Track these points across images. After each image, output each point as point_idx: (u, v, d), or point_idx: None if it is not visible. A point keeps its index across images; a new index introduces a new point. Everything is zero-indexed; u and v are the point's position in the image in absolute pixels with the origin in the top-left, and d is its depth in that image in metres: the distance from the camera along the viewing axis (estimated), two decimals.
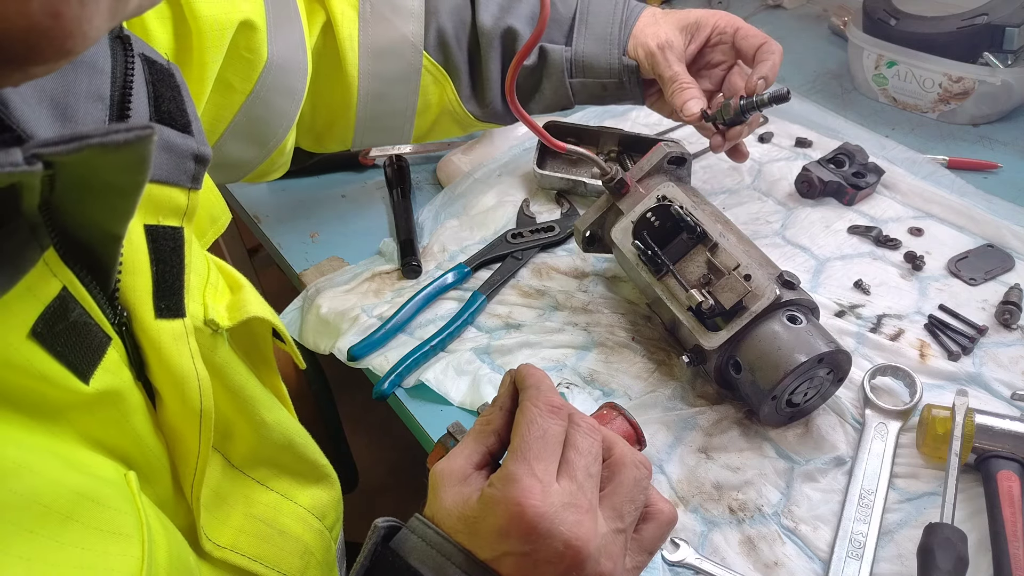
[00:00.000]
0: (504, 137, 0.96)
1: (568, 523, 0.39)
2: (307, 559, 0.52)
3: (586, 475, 0.42)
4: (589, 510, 0.41)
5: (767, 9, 1.31)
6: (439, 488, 0.44)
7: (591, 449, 0.43)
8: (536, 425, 0.43)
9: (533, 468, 0.41)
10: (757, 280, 0.61)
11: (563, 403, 0.44)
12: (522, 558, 0.40)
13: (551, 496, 0.40)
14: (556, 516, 0.39)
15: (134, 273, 0.37)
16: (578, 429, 0.44)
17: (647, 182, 0.73)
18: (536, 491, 0.40)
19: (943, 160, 0.91)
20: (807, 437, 0.64)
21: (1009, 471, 0.57)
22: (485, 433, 0.46)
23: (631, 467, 0.43)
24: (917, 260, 0.78)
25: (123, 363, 0.37)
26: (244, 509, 0.49)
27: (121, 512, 0.34)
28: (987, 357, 0.69)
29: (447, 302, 0.78)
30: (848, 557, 0.55)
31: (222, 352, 0.45)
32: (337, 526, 0.60)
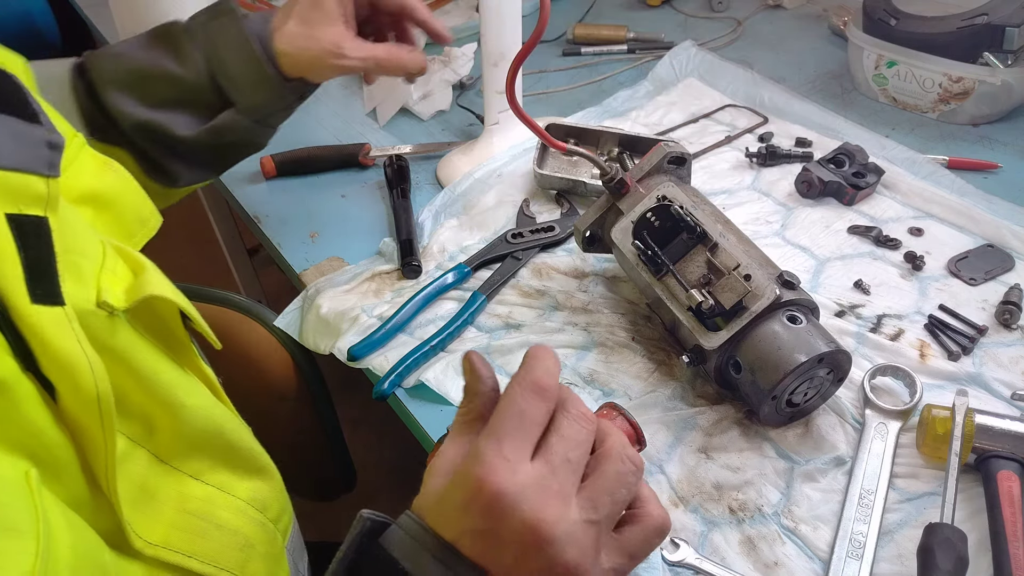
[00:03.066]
0: (504, 137, 0.96)
1: (531, 502, 0.38)
2: (247, 552, 0.52)
3: (563, 460, 0.41)
4: (558, 494, 0.39)
5: (767, 9, 1.31)
6: (426, 480, 0.44)
7: (576, 436, 0.42)
8: (515, 404, 0.41)
9: (502, 446, 0.40)
10: (757, 280, 0.61)
11: (552, 386, 0.43)
12: (482, 536, 0.39)
13: (517, 475, 0.39)
14: (519, 495, 0.38)
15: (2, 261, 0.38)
16: (567, 415, 0.43)
17: (647, 182, 0.73)
18: (500, 468, 0.39)
19: (943, 160, 0.91)
20: (807, 437, 0.64)
21: (1009, 471, 0.57)
22: (468, 423, 0.45)
23: (616, 460, 0.42)
24: (917, 260, 0.78)
25: (5, 352, 0.37)
26: (177, 504, 0.48)
27: (14, 508, 0.34)
28: (987, 357, 0.69)
29: (447, 302, 0.78)
30: (848, 557, 0.55)
31: (123, 335, 0.45)
32: (284, 517, 0.59)
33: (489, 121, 0.95)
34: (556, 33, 1.25)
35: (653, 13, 1.34)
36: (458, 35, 1.26)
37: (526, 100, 1.09)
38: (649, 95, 1.08)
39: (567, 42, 1.24)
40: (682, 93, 1.08)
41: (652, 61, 1.16)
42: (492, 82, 0.90)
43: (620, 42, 1.21)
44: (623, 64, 1.18)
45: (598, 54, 1.21)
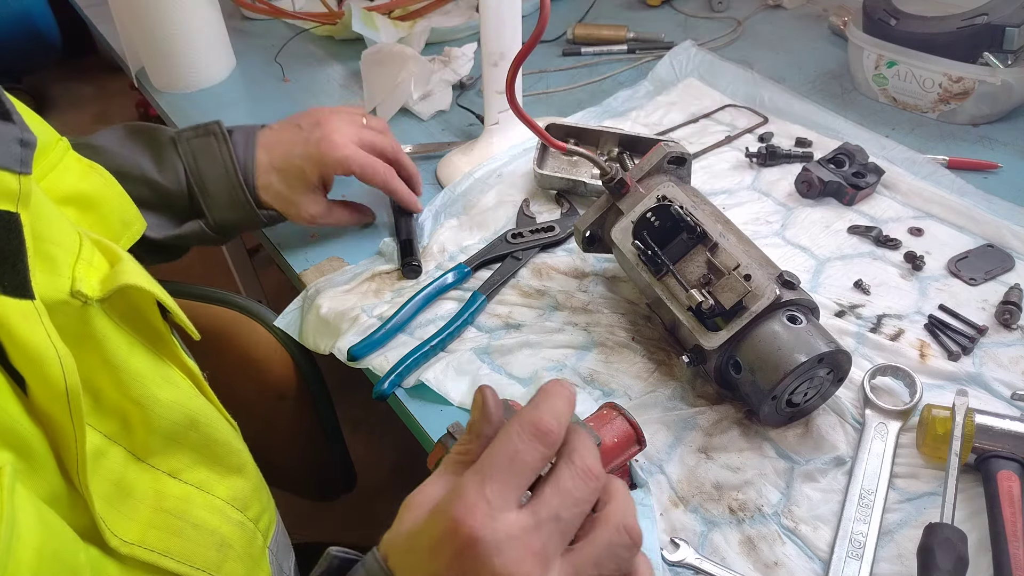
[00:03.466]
0: (504, 137, 0.96)
1: (506, 557, 0.35)
2: (224, 552, 0.52)
3: (553, 517, 0.37)
4: (539, 553, 0.36)
5: (767, 9, 1.31)
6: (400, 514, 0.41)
7: (574, 492, 0.38)
8: (509, 444, 0.38)
9: (485, 487, 0.36)
10: (757, 280, 0.61)
11: (555, 429, 0.38)
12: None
13: (496, 522, 0.35)
14: (495, 545, 0.35)
15: None
16: (571, 466, 0.38)
17: (647, 182, 0.73)
18: (479, 510, 0.35)
19: (943, 160, 0.91)
20: (807, 437, 0.64)
21: (1009, 471, 0.57)
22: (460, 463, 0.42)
23: (612, 529, 0.38)
24: (917, 260, 0.78)
25: None
26: (153, 503, 0.48)
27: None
28: (987, 357, 0.69)
29: (447, 302, 0.78)
30: (848, 557, 0.55)
31: (98, 325, 0.45)
32: (265, 517, 0.59)
33: (489, 121, 0.95)
34: (556, 33, 1.25)
35: (653, 13, 1.34)
36: (458, 35, 1.26)
37: (526, 100, 1.09)
38: (649, 95, 1.08)
39: (567, 42, 1.24)
40: (682, 93, 1.08)
41: (652, 61, 1.16)
42: (492, 82, 0.90)
43: (620, 42, 1.21)
44: (623, 64, 1.18)
45: (598, 54, 1.21)
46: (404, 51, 1.06)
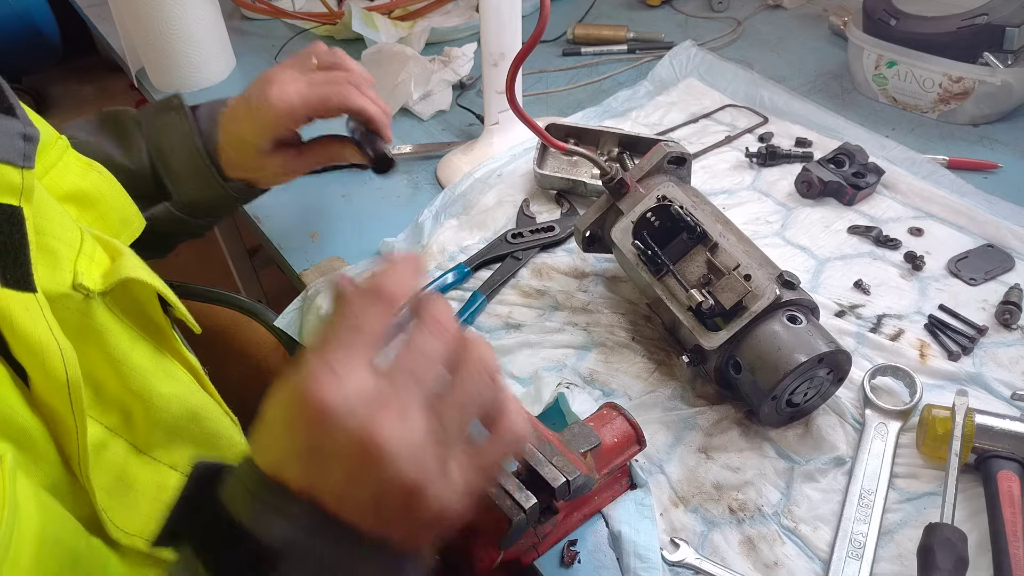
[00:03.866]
0: (504, 137, 0.96)
1: (360, 416, 0.34)
2: None
3: (405, 371, 0.36)
4: (395, 406, 0.35)
5: (767, 9, 1.31)
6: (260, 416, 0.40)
7: (425, 345, 0.37)
8: (350, 313, 0.37)
9: (328, 356, 0.35)
10: (757, 280, 0.61)
11: (396, 293, 0.37)
12: (307, 456, 0.35)
13: (345, 387, 0.34)
14: (346, 406, 0.34)
15: None
16: (420, 324, 0.38)
17: (647, 182, 0.73)
18: (325, 379, 0.34)
19: (943, 160, 0.91)
20: (807, 437, 0.64)
21: (1009, 471, 0.57)
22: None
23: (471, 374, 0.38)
24: (917, 260, 0.78)
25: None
26: (154, 495, 0.49)
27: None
28: (987, 357, 0.69)
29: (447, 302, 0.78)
30: (848, 557, 0.55)
31: (100, 318, 0.46)
32: None
33: (489, 121, 0.95)
34: (556, 33, 1.25)
35: (653, 13, 1.34)
36: (458, 35, 1.26)
37: (526, 100, 1.09)
38: (649, 95, 1.08)
39: (567, 42, 1.24)
40: (682, 93, 1.08)
41: (652, 61, 1.16)
42: (492, 82, 0.90)
43: (620, 42, 1.21)
44: (623, 64, 1.18)
45: (598, 54, 1.21)
46: (404, 51, 1.06)
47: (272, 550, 0.35)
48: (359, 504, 0.36)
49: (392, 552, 0.37)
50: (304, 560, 0.35)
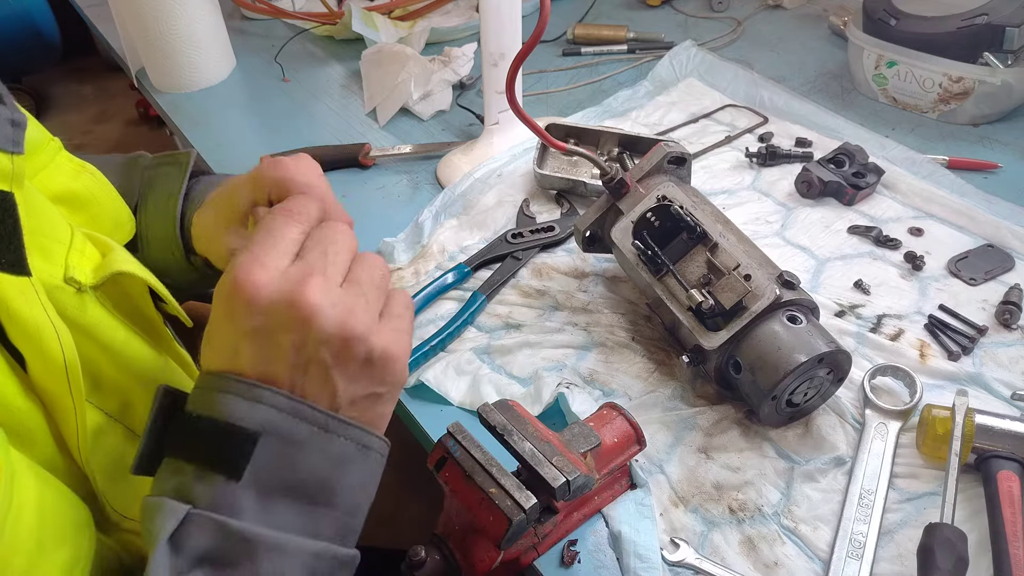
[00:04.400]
0: (504, 137, 0.96)
1: (290, 284, 0.39)
2: None
3: (318, 253, 0.42)
4: (316, 275, 0.40)
5: (767, 9, 1.31)
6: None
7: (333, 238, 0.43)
8: (264, 224, 0.42)
9: (254, 253, 0.40)
10: (757, 280, 0.61)
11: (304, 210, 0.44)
12: (254, 337, 0.40)
13: (270, 272, 0.40)
14: (276, 282, 0.39)
15: None
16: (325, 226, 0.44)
17: (647, 182, 0.73)
18: (254, 267, 0.39)
19: (943, 160, 0.91)
20: (807, 437, 0.64)
21: (1009, 471, 0.57)
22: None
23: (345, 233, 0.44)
24: (917, 260, 0.78)
25: None
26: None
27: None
28: (987, 357, 0.69)
29: (447, 302, 0.78)
30: (848, 557, 0.55)
31: (92, 311, 0.46)
32: None
33: (489, 121, 0.95)
34: (556, 33, 1.25)
35: (653, 13, 1.34)
36: (458, 35, 1.26)
37: (526, 100, 1.09)
38: (649, 95, 1.08)
39: (567, 42, 1.24)
40: (682, 93, 1.08)
41: (652, 61, 1.16)
42: (492, 82, 0.90)
43: (620, 42, 1.21)
44: (623, 64, 1.18)
45: (598, 54, 1.21)
46: (404, 51, 1.06)
47: (250, 434, 0.39)
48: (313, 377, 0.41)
49: (355, 429, 0.42)
50: (280, 440, 0.39)
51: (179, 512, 0.38)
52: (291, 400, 0.40)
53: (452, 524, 0.54)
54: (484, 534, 0.51)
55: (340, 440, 0.41)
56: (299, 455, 0.40)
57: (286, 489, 0.40)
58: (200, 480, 0.39)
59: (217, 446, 0.39)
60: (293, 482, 0.40)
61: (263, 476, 0.39)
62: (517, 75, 0.68)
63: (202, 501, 0.38)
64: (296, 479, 0.40)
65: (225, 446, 0.39)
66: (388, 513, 1.55)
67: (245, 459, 0.39)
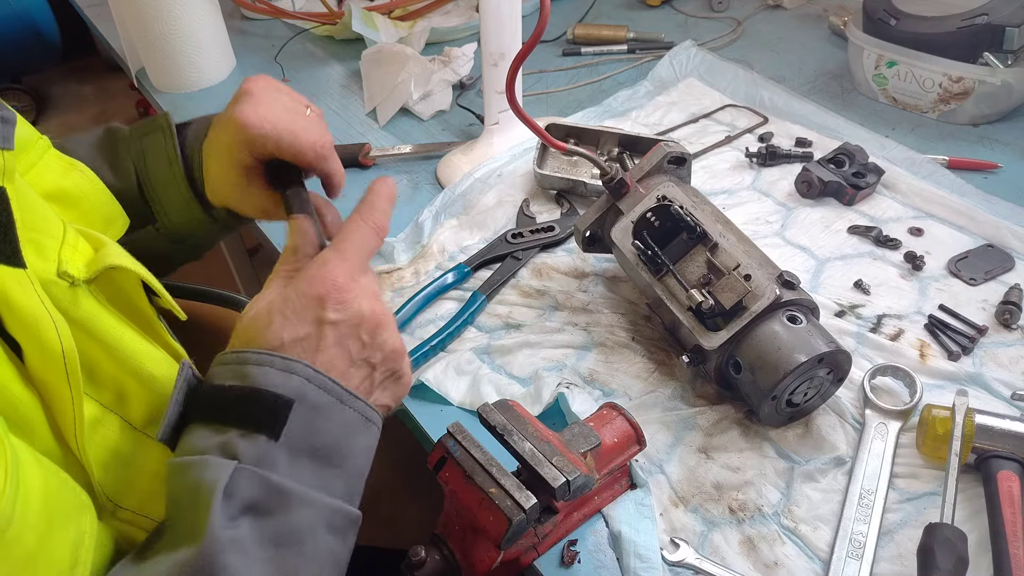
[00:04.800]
0: (504, 137, 0.96)
1: (368, 299, 0.49)
2: None
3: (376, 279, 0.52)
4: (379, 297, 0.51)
5: (767, 9, 1.31)
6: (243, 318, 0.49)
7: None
8: (360, 233, 0.51)
9: (345, 259, 0.49)
10: (757, 280, 0.61)
11: (387, 226, 0.53)
12: (337, 325, 0.47)
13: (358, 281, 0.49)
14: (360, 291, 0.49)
15: None
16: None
17: (647, 182, 0.73)
18: (347, 273, 0.49)
19: (943, 160, 0.91)
20: (807, 437, 0.64)
21: (1009, 471, 0.57)
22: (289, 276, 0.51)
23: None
24: (917, 260, 0.78)
25: None
26: (152, 472, 0.50)
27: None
28: (987, 357, 0.69)
29: (447, 302, 0.78)
30: (848, 557, 0.55)
31: (86, 305, 0.47)
32: None
33: (489, 121, 0.95)
34: (556, 33, 1.25)
35: (653, 13, 1.34)
36: (458, 35, 1.26)
37: (526, 100, 1.09)
38: (649, 95, 1.08)
39: (567, 42, 1.24)
40: (682, 93, 1.08)
41: (652, 61, 1.16)
42: (492, 82, 0.90)
43: (620, 42, 1.21)
44: (623, 64, 1.18)
45: (598, 54, 1.21)
46: (404, 51, 1.06)
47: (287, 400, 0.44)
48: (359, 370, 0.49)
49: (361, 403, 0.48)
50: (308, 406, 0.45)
51: (229, 467, 0.42)
52: (317, 372, 0.46)
53: (452, 524, 0.54)
54: (484, 534, 0.51)
55: (350, 411, 0.47)
56: (320, 421, 0.45)
57: (309, 450, 0.45)
58: (244, 439, 0.43)
59: (259, 410, 0.44)
60: (315, 444, 0.45)
61: (294, 438, 0.44)
62: (517, 75, 0.68)
63: (247, 458, 0.43)
64: (317, 442, 0.45)
65: (266, 410, 0.44)
66: (388, 513, 1.55)
67: (283, 422, 0.44)
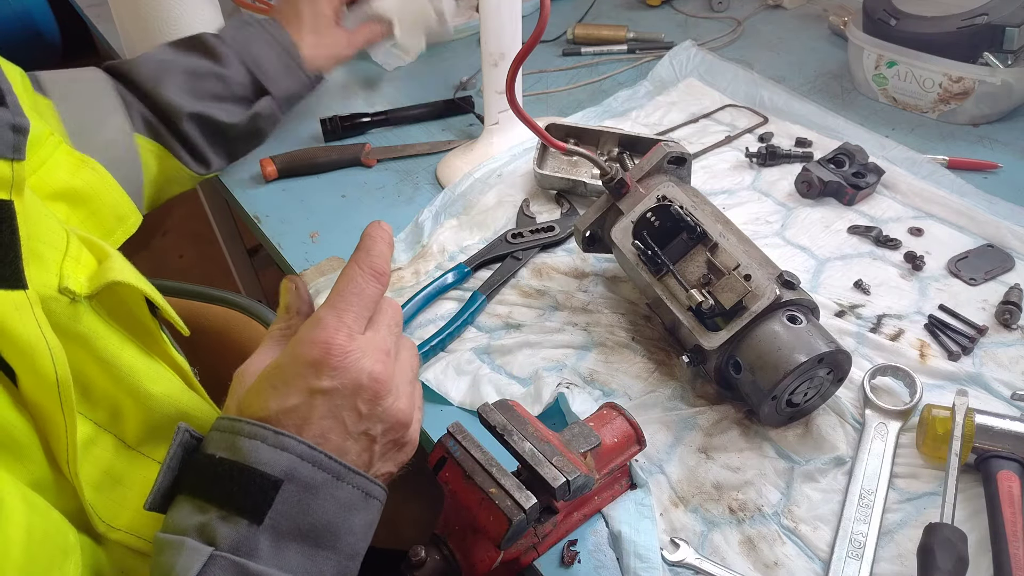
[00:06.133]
0: (504, 137, 0.96)
1: (371, 360, 0.45)
2: None
3: (388, 329, 0.47)
4: (388, 354, 0.46)
5: (767, 9, 1.31)
6: (236, 384, 0.47)
7: (395, 311, 0.49)
8: (355, 283, 0.46)
9: (342, 316, 0.45)
10: (757, 280, 0.61)
11: (388, 271, 0.48)
12: (330, 394, 0.44)
13: (356, 340, 0.45)
14: (361, 353, 0.44)
15: None
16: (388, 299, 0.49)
17: (647, 182, 0.73)
18: (343, 332, 0.44)
19: (943, 160, 0.91)
20: (807, 437, 0.64)
21: (1009, 471, 0.57)
22: (284, 338, 0.49)
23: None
24: (917, 260, 0.78)
25: None
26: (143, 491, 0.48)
27: None
28: (987, 357, 0.69)
29: (447, 302, 0.78)
30: (848, 557, 0.55)
31: (87, 321, 0.46)
32: None
33: (489, 121, 0.95)
34: (556, 33, 1.25)
35: (653, 13, 1.34)
36: (458, 35, 1.26)
37: (526, 100, 1.09)
38: (649, 95, 1.08)
39: (567, 42, 1.24)
40: (682, 93, 1.08)
41: (652, 61, 1.16)
42: (492, 82, 0.90)
43: (620, 42, 1.21)
44: (623, 64, 1.18)
45: (598, 54, 1.21)
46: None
47: (274, 480, 0.41)
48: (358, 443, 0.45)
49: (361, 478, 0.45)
50: (299, 485, 0.42)
51: (203, 554, 0.39)
52: (311, 449, 0.43)
53: (452, 524, 0.54)
54: (484, 534, 0.51)
55: (348, 488, 0.44)
56: (313, 500, 0.42)
57: (297, 532, 0.42)
58: (224, 522, 0.41)
59: (243, 490, 0.41)
60: (304, 526, 0.42)
61: (280, 520, 0.41)
62: (517, 75, 0.68)
63: (225, 543, 0.40)
64: (307, 523, 0.42)
65: (250, 491, 0.41)
66: (388, 513, 1.55)
67: (268, 504, 0.41)
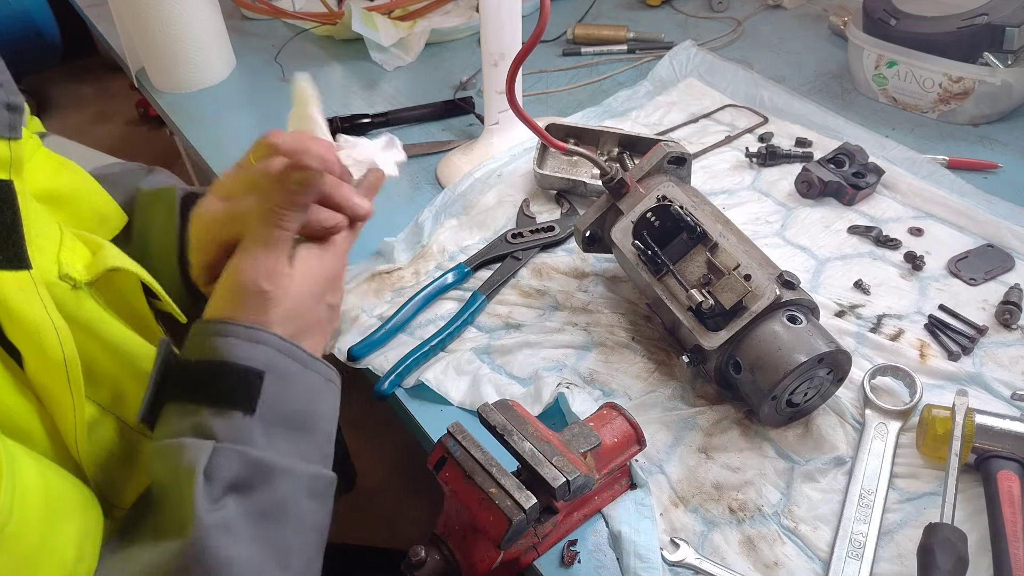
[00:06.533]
0: (504, 137, 0.96)
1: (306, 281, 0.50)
2: None
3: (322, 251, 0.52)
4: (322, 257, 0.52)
5: (767, 9, 1.31)
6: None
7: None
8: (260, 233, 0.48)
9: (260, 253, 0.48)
10: (757, 280, 0.61)
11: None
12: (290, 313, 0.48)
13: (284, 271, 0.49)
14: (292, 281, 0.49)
15: None
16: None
17: (647, 182, 0.73)
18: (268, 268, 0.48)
19: (943, 160, 0.91)
20: (807, 437, 0.64)
21: (1009, 471, 0.57)
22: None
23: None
24: (917, 260, 0.78)
25: None
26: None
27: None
28: (987, 357, 0.69)
29: (447, 302, 0.78)
30: (848, 557, 0.55)
31: (88, 307, 0.46)
32: None
33: (489, 121, 0.95)
34: (556, 33, 1.25)
35: (653, 13, 1.34)
36: (458, 35, 1.26)
37: (526, 100, 1.09)
38: (649, 95, 1.08)
39: (567, 42, 1.24)
40: (682, 93, 1.08)
41: (652, 61, 1.16)
42: (492, 82, 0.90)
43: (620, 42, 1.21)
44: (623, 64, 1.18)
45: (598, 54, 1.21)
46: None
47: (258, 372, 0.44)
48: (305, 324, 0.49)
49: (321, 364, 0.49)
50: (278, 376, 0.45)
51: (206, 448, 0.41)
52: (284, 341, 0.46)
53: (452, 524, 0.54)
54: (484, 534, 0.51)
55: (313, 375, 0.48)
56: (289, 389, 0.46)
57: (282, 420, 0.45)
58: (217, 417, 0.43)
59: (230, 386, 0.43)
60: (286, 412, 0.45)
61: (266, 409, 0.44)
62: (517, 75, 0.68)
63: (224, 436, 0.42)
64: (287, 410, 0.45)
65: (238, 385, 0.43)
66: (388, 513, 1.55)
67: (257, 394, 0.44)
